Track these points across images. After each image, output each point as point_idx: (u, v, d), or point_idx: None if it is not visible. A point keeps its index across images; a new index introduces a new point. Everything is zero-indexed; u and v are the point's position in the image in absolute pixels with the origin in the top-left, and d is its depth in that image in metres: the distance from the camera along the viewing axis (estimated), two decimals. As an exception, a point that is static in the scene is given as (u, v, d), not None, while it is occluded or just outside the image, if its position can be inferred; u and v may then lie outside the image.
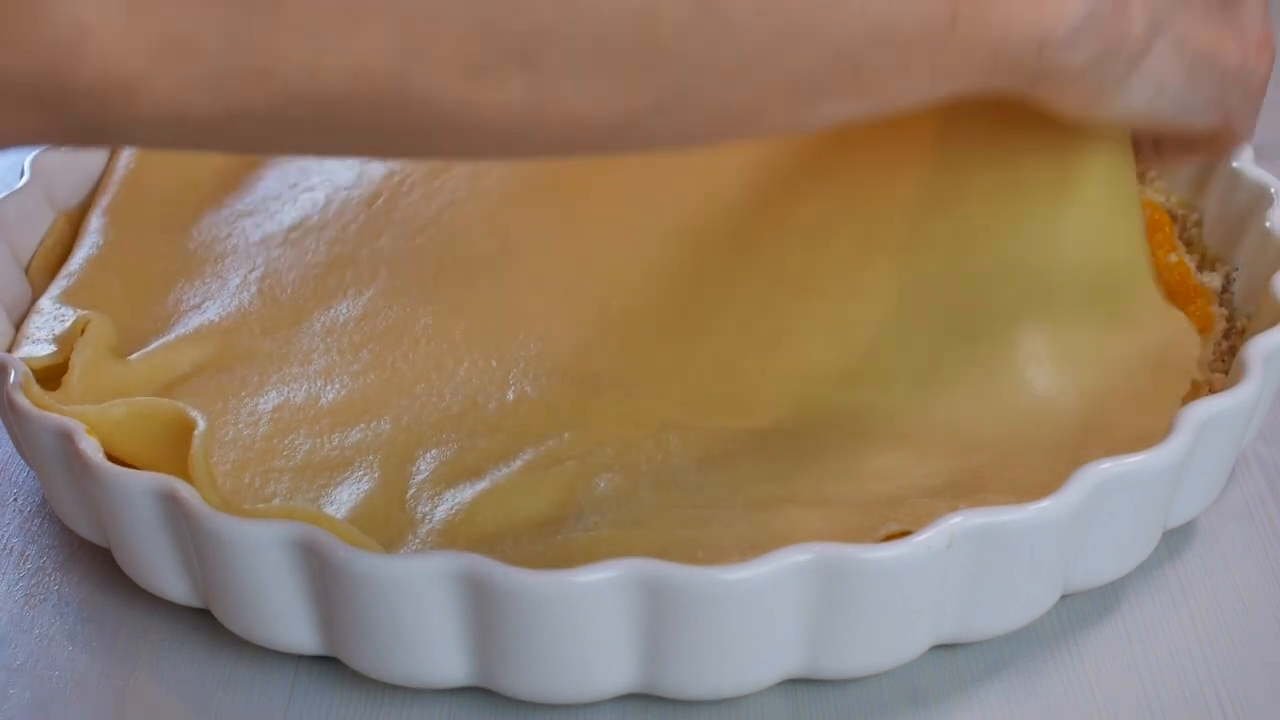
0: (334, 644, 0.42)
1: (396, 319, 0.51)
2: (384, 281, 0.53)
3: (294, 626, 0.42)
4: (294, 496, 0.45)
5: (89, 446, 0.43)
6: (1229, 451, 0.46)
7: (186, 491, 0.42)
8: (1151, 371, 0.48)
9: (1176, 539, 0.47)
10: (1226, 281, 0.51)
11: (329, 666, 0.44)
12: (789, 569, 0.39)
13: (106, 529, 0.45)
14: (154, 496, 0.42)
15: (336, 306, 0.52)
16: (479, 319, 0.51)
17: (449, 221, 0.55)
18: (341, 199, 0.56)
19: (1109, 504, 0.42)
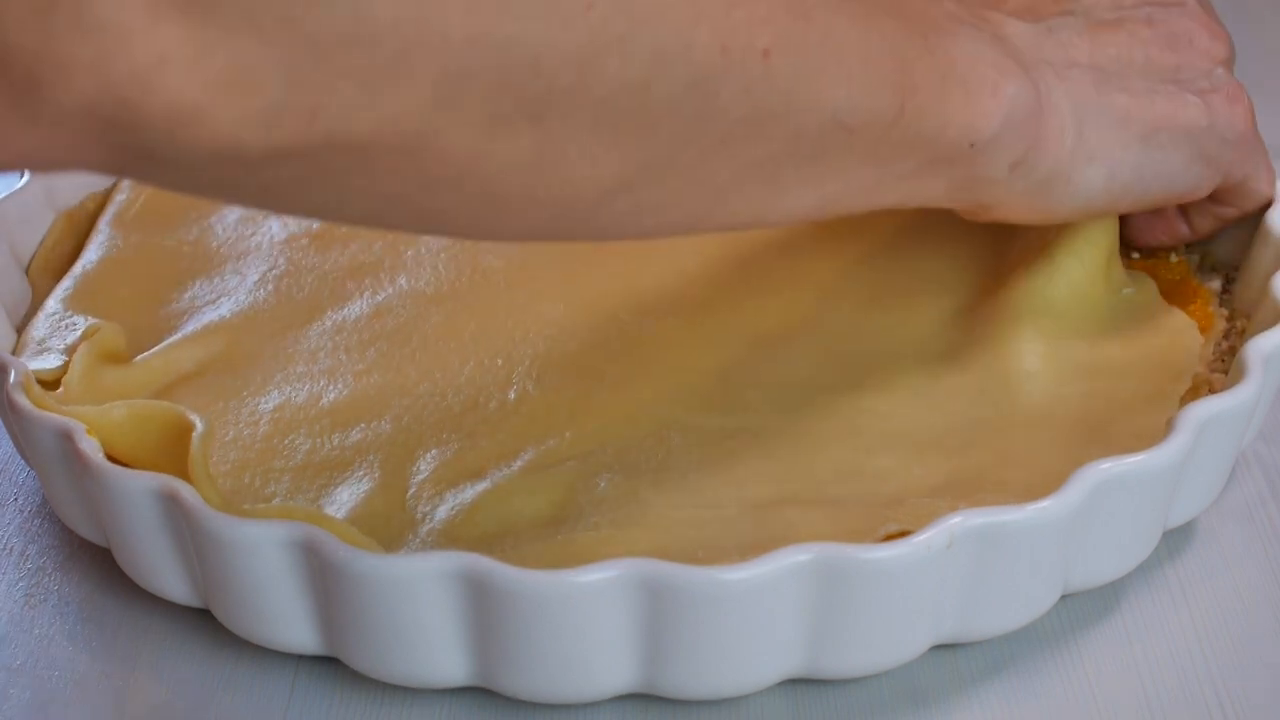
0: (334, 644, 0.42)
1: (408, 318, 0.51)
2: (402, 285, 0.53)
3: (294, 626, 0.42)
4: (294, 496, 0.45)
5: (89, 447, 0.43)
6: (1229, 451, 0.46)
7: (187, 491, 0.42)
8: (1151, 371, 0.48)
9: (1176, 539, 0.47)
10: (1226, 281, 0.51)
11: (329, 666, 0.44)
12: (789, 569, 0.39)
13: (106, 529, 0.45)
14: (154, 496, 0.42)
15: (349, 306, 0.52)
16: (491, 318, 0.51)
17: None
18: None
19: (1109, 504, 0.42)
